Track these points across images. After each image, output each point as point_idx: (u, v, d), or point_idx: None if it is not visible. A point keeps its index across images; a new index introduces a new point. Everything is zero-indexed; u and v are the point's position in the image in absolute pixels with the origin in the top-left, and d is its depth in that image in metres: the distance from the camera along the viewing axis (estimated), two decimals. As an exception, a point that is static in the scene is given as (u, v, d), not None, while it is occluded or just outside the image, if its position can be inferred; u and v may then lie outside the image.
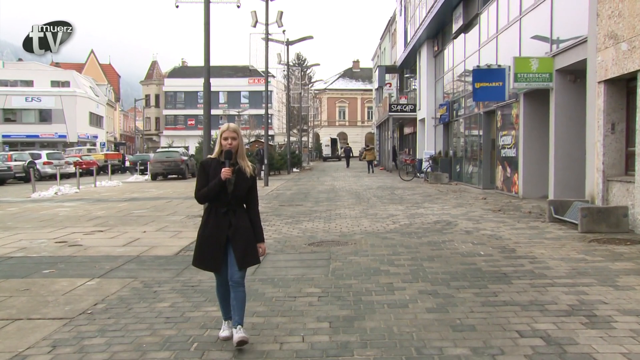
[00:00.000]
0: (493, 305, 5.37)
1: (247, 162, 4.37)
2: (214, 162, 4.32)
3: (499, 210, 13.21)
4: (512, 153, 17.08)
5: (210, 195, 4.25)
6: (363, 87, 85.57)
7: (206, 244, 4.32)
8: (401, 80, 41.29)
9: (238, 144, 4.30)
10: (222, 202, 4.28)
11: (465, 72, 22.59)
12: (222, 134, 4.30)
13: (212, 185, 4.21)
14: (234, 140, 4.27)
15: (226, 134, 4.28)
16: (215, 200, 4.28)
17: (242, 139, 4.36)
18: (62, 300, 5.86)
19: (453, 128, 26.07)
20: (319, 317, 5.12)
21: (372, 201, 16.21)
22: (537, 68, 13.90)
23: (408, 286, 6.15)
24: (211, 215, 4.32)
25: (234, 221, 4.29)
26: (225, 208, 4.28)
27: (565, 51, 13.20)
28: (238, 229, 4.29)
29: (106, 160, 41.85)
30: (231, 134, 4.28)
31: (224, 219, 4.28)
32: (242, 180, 4.29)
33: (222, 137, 4.29)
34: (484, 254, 7.86)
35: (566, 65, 13.21)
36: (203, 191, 4.26)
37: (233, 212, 4.30)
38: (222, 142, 4.29)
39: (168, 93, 79.38)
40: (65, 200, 18.10)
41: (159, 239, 9.81)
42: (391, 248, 8.50)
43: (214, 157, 4.34)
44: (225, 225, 4.28)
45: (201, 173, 4.31)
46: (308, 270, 7.10)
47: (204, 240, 4.33)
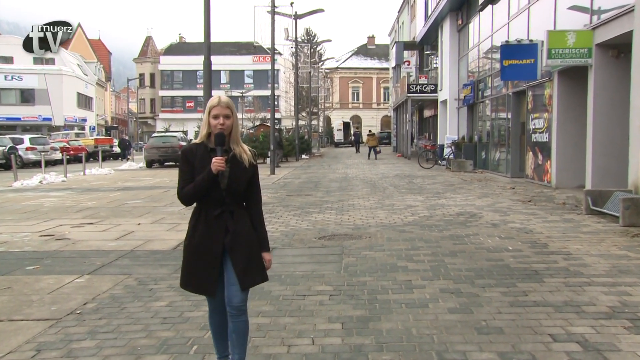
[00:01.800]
0: (523, 305, 5.34)
1: (244, 146, 3.70)
2: (200, 149, 3.60)
3: (529, 201, 13.14)
4: (545, 138, 16.96)
5: (198, 194, 3.56)
6: (379, 65, 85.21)
7: (196, 258, 3.64)
8: (421, 58, 41.05)
9: (232, 124, 3.61)
10: (214, 202, 3.60)
11: (493, 49, 22.41)
12: (211, 110, 3.58)
13: (200, 180, 3.51)
14: (226, 119, 3.57)
15: (216, 111, 3.57)
16: (206, 200, 3.61)
17: (237, 117, 3.68)
18: (48, 300, 5.88)
19: (478, 110, 25.92)
20: (331, 317, 5.12)
21: (388, 191, 16.18)
22: (574, 43, 13.75)
23: (428, 284, 6.14)
24: (201, 219, 3.64)
25: (232, 226, 3.62)
26: (219, 209, 3.60)
27: (607, 22, 13.00)
28: (237, 235, 3.63)
29: (96, 145, 42.03)
30: (223, 111, 3.57)
31: (218, 224, 3.61)
32: (240, 171, 3.61)
33: (211, 115, 3.58)
34: (513, 249, 7.83)
35: (608, 39, 13.03)
36: (188, 189, 3.56)
37: (230, 214, 3.62)
38: (210, 122, 3.58)
39: (164, 72, 79.49)
40: (51, 190, 18.22)
41: (155, 232, 9.85)
42: (409, 242, 8.49)
43: (200, 142, 3.64)
44: (220, 231, 3.61)
45: (184, 165, 3.61)
46: (318, 266, 7.10)
47: (193, 254, 3.65)
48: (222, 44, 74.49)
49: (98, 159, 31.14)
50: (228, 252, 3.63)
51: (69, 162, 28.77)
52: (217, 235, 3.61)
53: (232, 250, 3.63)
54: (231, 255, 3.63)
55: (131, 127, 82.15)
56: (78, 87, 65.82)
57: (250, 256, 3.68)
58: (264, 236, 3.81)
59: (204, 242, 3.62)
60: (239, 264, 3.63)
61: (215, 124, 3.57)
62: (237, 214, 3.67)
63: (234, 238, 3.62)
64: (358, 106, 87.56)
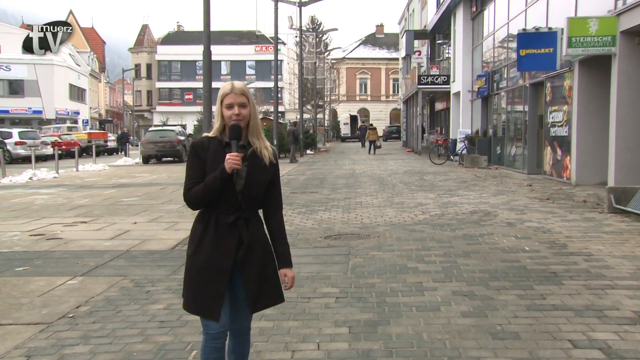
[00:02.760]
0: (540, 309, 5.33)
1: (266, 142, 3.34)
2: (213, 143, 3.27)
3: (547, 198, 13.11)
4: (564, 132, 16.90)
5: (208, 196, 3.19)
6: (388, 55, 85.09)
7: (202, 275, 3.26)
8: (432, 48, 40.93)
9: (250, 115, 3.26)
10: (227, 207, 3.24)
11: (509, 37, 22.33)
12: (224, 99, 3.25)
13: (212, 180, 3.16)
14: (242, 109, 3.22)
15: (230, 99, 3.23)
16: (217, 204, 3.24)
17: (255, 106, 3.32)
18: (39, 303, 5.90)
19: (493, 103, 25.84)
20: (337, 321, 5.12)
21: (398, 188, 16.17)
22: (596, 30, 13.67)
23: (440, 286, 6.14)
24: (210, 227, 3.26)
25: (247, 236, 3.25)
26: (233, 216, 3.24)
27: (633, 8, 12.89)
28: (252, 249, 3.27)
29: (90, 140, 42.12)
30: (238, 99, 3.22)
31: (230, 234, 3.24)
32: (259, 171, 3.26)
33: (225, 104, 3.24)
34: (529, 250, 7.82)
35: (634, 26, 12.94)
36: (197, 190, 3.20)
37: (244, 223, 3.26)
38: (224, 113, 3.24)
39: (161, 63, 79.63)
40: (42, 187, 18.28)
41: (152, 231, 9.87)
42: (420, 242, 8.48)
43: (213, 135, 3.30)
44: (232, 242, 3.24)
45: (193, 161, 3.27)
46: (324, 267, 7.10)
47: (199, 270, 3.26)
48: (222, 33, 74.54)
49: (92, 154, 31.18)
50: (238, 267, 3.26)
51: (61, 158, 28.82)
52: (228, 248, 3.24)
53: (243, 266, 3.26)
54: (242, 272, 3.27)
55: (126, 120, 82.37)
56: (70, 78, 65.90)
57: (264, 274, 3.33)
58: (285, 249, 3.45)
59: (213, 256, 3.23)
60: (251, 284, 3.28)
61: (230, 115, 3.21)
62: (253, 223, 3.32)
63: (248, 251, 3.26)
64: (366, 99, 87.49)
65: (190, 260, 3.33)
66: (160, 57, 79.21)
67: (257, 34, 54.62)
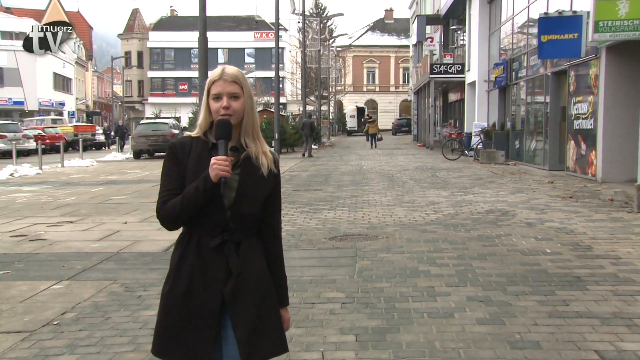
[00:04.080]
0: (563, 316, 5.33)
1: (264, 145, 2.87)
2: (196, 145, 2.81)
3: (570, 197, 13.09)
4: (589, 124, 16.85)
5: (187, 212, 2.71)
6: (398, 42, 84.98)
7: (182, 314, 2.74)
8: (446, 34, 40.87)
9: (243, 108, 2.77)
10: (211, 227, 2.75)
11: (529, 22, 22.27)
12: (211, 87, 2.77)
13: (192, 191, 2.68)
14: (234, 101, 2.74)
15: (218, 88, 2.74)
16: (199, 223, 2.76)
17: (252, 97, 2.84)
18: (21, 309, 5.91)
19: (511, 93, 25.78)
20: (343, 328, 5.13)
21: (408, 185, 16.17)
22: (626, 13, 13.60)
23: (453, 291, 6.14)
24: (189, 253, 2.77)
25: (237, 265, 2.74)
26: (219, 238, 2.74)
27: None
28: (244, 281, 2.75)
29: (76, 133, 42.19)
30: (228, 87, 2.74)
31: (216, 262, 2.74)
32: (254, 183, 2.78)
33: (212, 94, 2.76)
34: (551, 252, 7.81)
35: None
36: (173, 204, 2.73)
37: (234, 247, 2.76)
38: (210, 105, 2.77)
39: (154, 50, 79.68)
40: (24, 184, 18.32)
41: (143, 232, 9.89)
42: (432, 243, 8.49)
43: (197, 135, 2.83)
44: (218, 273, 2.73)
45: (170, 167, 2.81)
46: (329, 270, 7.11)
47: (177, 307, 2.75)
48: (219, 18, 74.52)
49: (78, 149, 31.23)
50: (228, 306, 2.73)
51: (45, 153, 28.90)
52: (213, 278, 2.73)
53: (233, 305, 2.73)
54: (232, 313, 2.73)
55: (116, 112, 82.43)
56: (54, 67, 65.87)
57: (260, 315, 2.76)
58: (282, 283, 2.96)
59: (195, 289, 2.73)
60: (243, 329, 2.72)
61: (217, 108, 2.73)
62: (246, 248, 2.79)
63: (239, 285, 2.73)
64: (374, 89, 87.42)
65: (164, 298, 2.80)
66: (152, 44, 79.26)
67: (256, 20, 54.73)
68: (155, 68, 79.93)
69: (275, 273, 2.90)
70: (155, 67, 79.97)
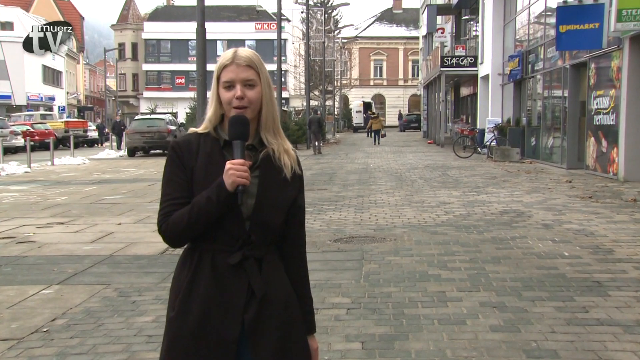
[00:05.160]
0: (582, 324, 5.32)
1: (286, 142, 2.58)
2: (205, 144, 2.49)
3: (589, 197, 13.06)
4: (610, 120, 16.81)
5: (198, 227, 2.40)
6: (407, 34, 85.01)
7: (191, 347, 2.41)
8: (458, 25, 40.85)
9: (260, 97, 2.47)
10: (229, 242, 2.43)
11: (547, 11, 22.24)
12: (221, 73, 2.46)
13: (204, 203, 2.36)
14: (249, 89, 2.44)
15: (230, 74, 2.43)
16: (212, 238, 2.44)
17: (270, 84, 2.53)
18: (8, 315, 5.91)
19: (527, 87, 25.75)
20: (348, 335, 5.13)
21: (417, 184, 16.16)
22: (652, 0, 13.57)
23: (465, 296, 6.13)
24: (201, 274, 2.43)
25: (260, 287, 2.42)
26: (239, 255, 2.41)
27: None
28: (269, 306, 2.44)
29: (67, 130, 42.25)
30: (243, 73, 2.43)
31: (235, 283, 2.42)
32: (277, 187, 2.49)
33: (222, 82, 2.45)
34: (569, 256, 7.79)
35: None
36: (179, 217, 2.40)
37: (256, 265, 2.44)
38: (221, 95, 2.46)
39: (149, 42, 79.76)
40: (12, 183, 18.35)
41: (138, 234, 9.90)
42: (443, 246, 8.48)
43: (205, 131, 2.51)
44: (238, 297, 2.41)
45: (173, 172, 2.48)
46: (334, 274, 7.10)
47: (186, 338, 2.42)
48: (218, 7, 74.63)
49: (69, 146, 31.27)
50: (249, 335, 2.41)
51: (34, 150, 28.96)
52: (233, 303, 2.41)
53: (255, 334, 2.41)
54: (253, 344, 2.41)
55: (109, 107, 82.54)
56: (44, 59, 65.46)
57: (287, 347, 2.46)
58: (309, 307, 2.64)
59: (210, 316, 2.40)
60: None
61: (230, 99, 2.43)
62: (269, 265, 2.48)
63: (263, 310, 2.42)
64: (381, 83, 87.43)
65: (171, 327, 2.46)
66: (148, 36, 79.33)
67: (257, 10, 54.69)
68: (150, 61, 80.00)
69: (301, 295, 2.59)
70: (151, 60, 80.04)
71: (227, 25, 74.39)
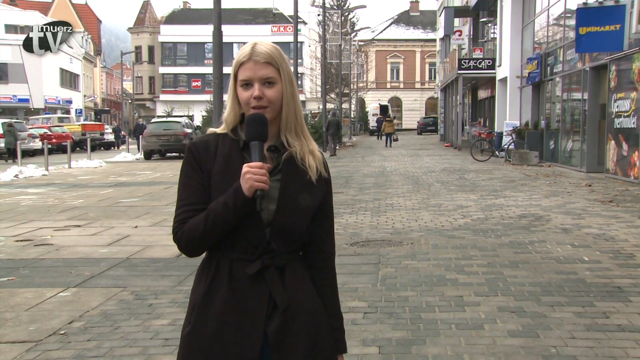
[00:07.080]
0: (603, 329, 5.28)
1: (312, 143, 2.43)
2: (223, 145, 2.37)
3: (610, 201, 12.98)
4: (632, 123, 16.70)
5: (215, 235, 2.28)
6: (424, 36, 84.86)
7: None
8: (475, 27, 40.72)
9: (281, 96, 2.34)
10: (247, 250, 2.30)
11: (566, 13, 22.13)
12: (239, 70, 2.33)
13: (220, 209, 2.24)
14: (268, 88, 2.31)
15: (247, 72, 2.31)
16: (231, 246, 2.32)
17: (292, 81, 2.39)
18: (26, 318, 5.96)
19: (546, 90, 25.63)
20: (365, 339, 5.12)
21: (434, 188, 16.12)
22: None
23: (483, 301, 6.11)
24: (220, 284, 2.31)
25: (283, 299, 2.29)
26: (259, 263, 2.28)
27: None
28: (294, 319, 2.30)
29: (84, 132, 42.54)
30: (261, 71, 2.30)
31: (255, 294, 2.29)
32: (300, 191, 2.34)
33: (240, 80, 2.32)
34: (589, 260, 7.74)
35: None
36: (195, 224, 2.29)
37: (278, 274, 2.31)
38: (239, 94, 2.34)
39: (165, 45, 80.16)
40: (30, 186, 18.49)
41: (155, 237, 9.94)
42: (460, 250, 8.46)
43: (223, 132, 2.40)
44: (259, 310, 2.28)
45: (189, 175, 2.36)
46: (350, 278, 7.10)
47: (202, 355, 2.29)
48: (235, 10, 74.81)
49: (86, 149, 31.47)
50: (273, 351, 2.27)
51: (51, 153, 29.14)
52: (253, 316, 2.27)
53: (279, 350, 2.27)
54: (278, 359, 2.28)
55: (126, 110, 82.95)
56: (61, 62, 66.09)
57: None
58: (339, 325, 2.53)
59: (228, 330, 2.26)
60: None
61: (247, 98, 2.30)
62: (292, 275, 2.34)
63: (287, 324, 2.28)
64: (398, 86, 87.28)
65: (187, 341, 2.32)
66: (164, 39, 79.74)
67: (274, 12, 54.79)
68: (167, 64, 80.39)
69: (330, 310, 2.44)
70: (167, 63, 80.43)
71: (243, 28, 74.50)
